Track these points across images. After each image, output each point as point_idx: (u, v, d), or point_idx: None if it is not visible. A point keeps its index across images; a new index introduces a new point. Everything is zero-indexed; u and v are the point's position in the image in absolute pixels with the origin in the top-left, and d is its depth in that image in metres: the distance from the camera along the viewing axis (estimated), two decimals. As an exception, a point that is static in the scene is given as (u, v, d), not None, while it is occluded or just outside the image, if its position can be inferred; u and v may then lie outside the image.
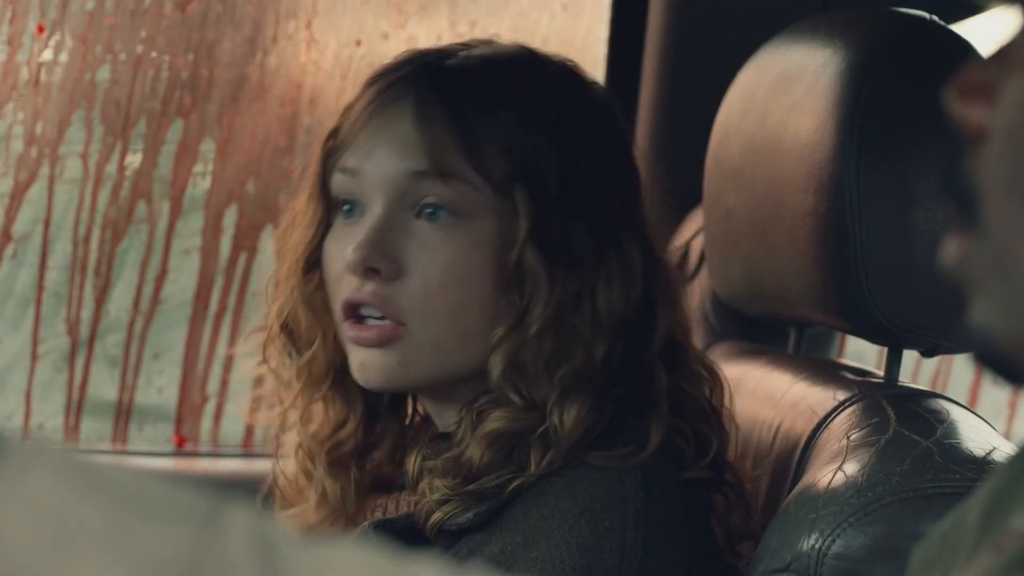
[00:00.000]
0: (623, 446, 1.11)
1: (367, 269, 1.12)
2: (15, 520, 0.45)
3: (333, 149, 1.18)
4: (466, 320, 1.12)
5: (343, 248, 1.15)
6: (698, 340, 1.50)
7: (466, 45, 1.20)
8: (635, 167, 1.20)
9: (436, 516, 1.11)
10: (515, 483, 1.10)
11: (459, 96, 1.13)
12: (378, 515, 1.21)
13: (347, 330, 1.14)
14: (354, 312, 1.14)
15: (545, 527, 1.07)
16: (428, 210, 1.12)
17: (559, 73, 1.19)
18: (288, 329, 1.21)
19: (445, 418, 1.19)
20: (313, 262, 1.19)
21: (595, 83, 1.22)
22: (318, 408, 1.24)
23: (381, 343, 1.13)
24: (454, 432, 1.15)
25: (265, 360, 1.25)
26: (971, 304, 0.57)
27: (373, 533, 1.16)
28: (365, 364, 1.14)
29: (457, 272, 1.12)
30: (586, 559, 1.06)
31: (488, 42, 1.20)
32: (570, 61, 1.21)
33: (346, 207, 1.16)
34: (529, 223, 1.11)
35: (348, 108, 1.19)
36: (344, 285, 1.14)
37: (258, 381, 1.27)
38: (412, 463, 1.16)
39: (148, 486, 0.47)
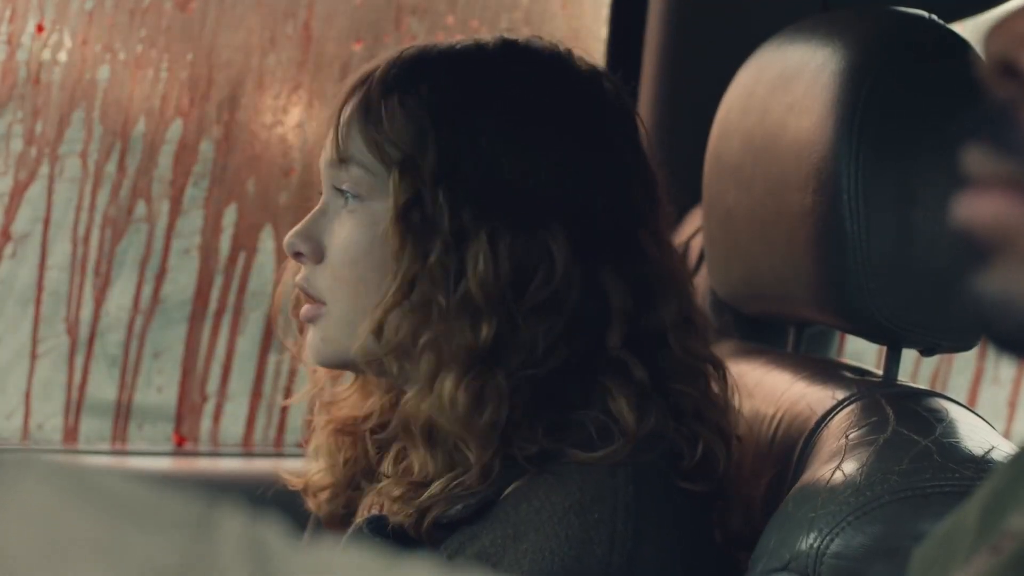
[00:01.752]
0: (608, 444, 1.11)
1: (295, 253, 1.21)
2: (7, 529, 0.45)
3: None
4: (366, 297, 1.17)
5: None
6: (697, 339, 1.50)
7: (447, 41, 1.23)
8: (600, 153, 1.19)
9: (425, 524, 1.13)
10: (510, 488, 1.11)
11: (373, 87, 1.19)
12: (375, 510, 1.22)
13: None
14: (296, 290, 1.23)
15: (535, 520, 1.08)
16: (345, 195, 1.19)
17: (511, 66, 1.20)
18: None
19: None
20: None
21: (590, 78, 1.21)
22: (348, 390, 1.29)
23: (310, 319, 1.20)
24: None
25: (287, 349, 1.31)
26: (994, 269, 0.53)
27: (367, 529, 1.17)
28: (307, 342, 1.22)
29: (352, 250, 1.18)
30: (576, 551, 1.06)
31: (477, 38, 1.22)
32: (565, 51, 1.21)
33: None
34: (395, 204, 1.16)
35: None
36: None
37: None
38: (387, 466, 1.20)
39: (139, 492, 0.47)
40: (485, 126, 1.16)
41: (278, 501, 1.31)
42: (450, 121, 1.17)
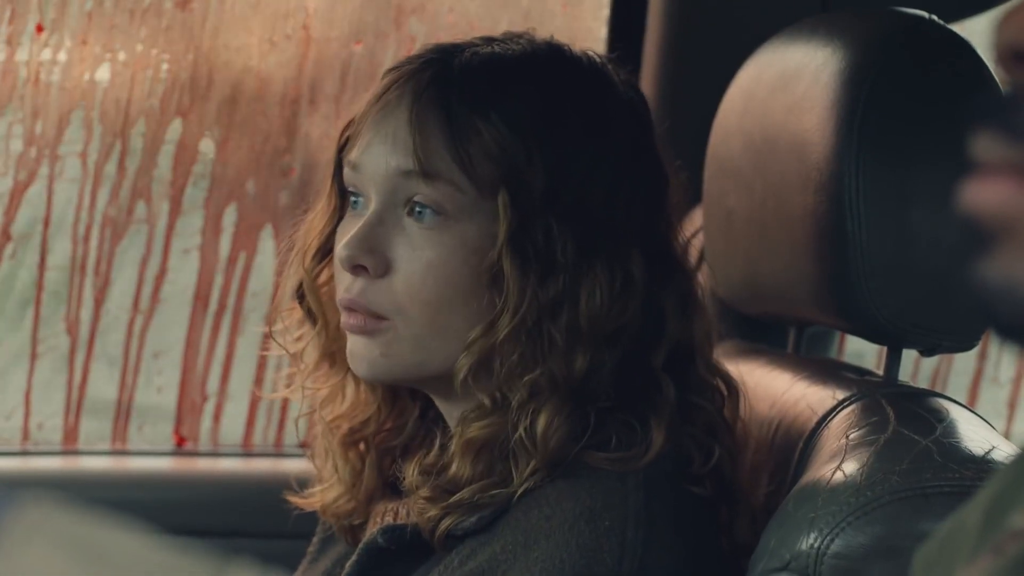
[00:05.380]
0: (626, 449, 1.11)
1: (355, 266, 1.14)
2: None
3: (347, 140, 1.19)
4: (447, 318, 1.13)
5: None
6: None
7: (489, 40, 1.18)
8: (657, 170, 1.19)
9: (440, 530, 1.12)
10: (517, 492, 1.10)
11: (453, 96, 1.13)
12: (388, 520, 1.21)
13: (342, 317, 1.17)
14: (346, 305, 1.16)
15: (546, 527, 1.07)
16: (416, 209, 1.13)
17: (573, 75, 1.18)
18: (308, 311, 1.23)
19: (453, 419, 1.19)
20: (327, 251, 1.21)
21: (624, 82, 1.20)
22: (346, 389, 1.25)
23: (366, 332, 1.15)
24: (450, 442, 1.16)
25: (274, 340, 1.26)
26: (998, 256, 0.53)
27: (382, 539, 1.16)
28: (353, 351, 1.16)
29: (438, 271, 1.13)
30: (586, 558, 1.06)
31: (517, 37, 1.19)
32: (600, 59, 1.20)
33: (353, 199, 1.18)
34: (508, 229, 1.11)
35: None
36: (342, 279, 1.17)
37: (292, 360, 1.28)
38: (411, 471, 1.17)
39: (151, 555, 0.46)
40: (579, 145, 1.14)
41: (280, 504, 1.31)
42: (558, 144, 1.13)
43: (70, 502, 0.48)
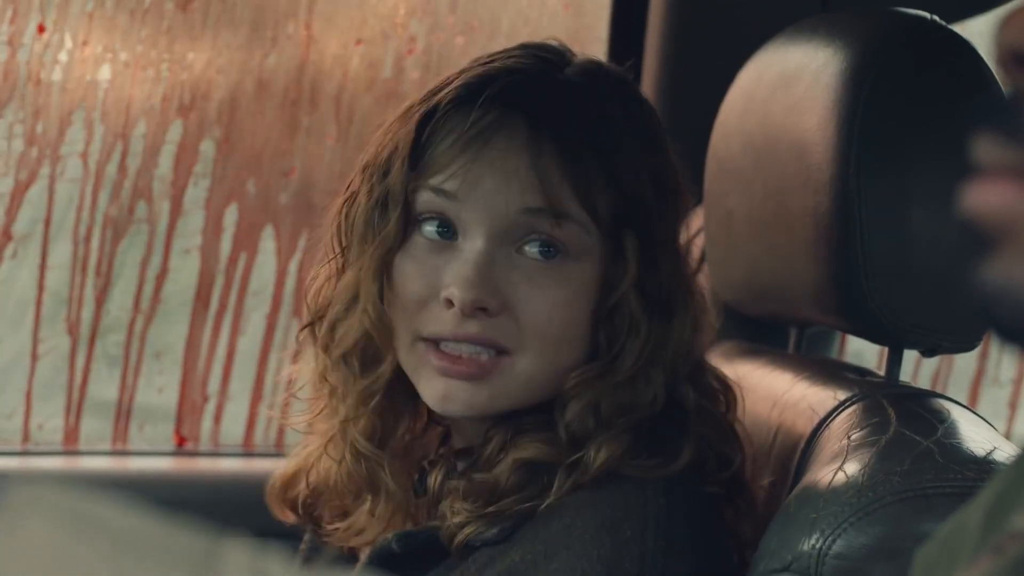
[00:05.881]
0: (652, 457, 1.11)
1: (479, 309, 1.10)
2: (12, 566, 0.45)
3: (416, 160, 1.12)
4: (563, 357, 1.12)
5: (429, 272, 1.12)
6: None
7: (543, 59, 1.15)
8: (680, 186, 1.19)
9: (460, 537, 1.10)
10: (544, 505, 1.09)
11: (571, 131, 1.11)
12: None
13: (433, 359, 1.11)
14: (436, 342, 1.12)
15: (566, 537, 1.06)
16: (538, 247, 1.10)
17: (640, 100, 1.18)
18: (358, 345, 1.15)
19: (469, 430, 1.17)
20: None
21: (644, 97, 1.21)
22: (339, 408, 1.18)
23: (475, 377, 1.11)
24: (480, 448, 1.14)
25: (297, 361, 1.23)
26: (999, 258, 0.53)
27: (397, 545, 1.15)
28: (450, 395, 1.11)
29: (563, 310, 1.10)
30: (607, 569, 1.05)
31: (551, 50, 1.17)
32: (626, 75, 1.20)
33: (437, 228, 1.12)
34: (636, 270, 1.11)
35: (430, 119, 1.13)
36: (431, 314, 1.11)
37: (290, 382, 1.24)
38: (434, 480, 1.15)
39: (146, 528, 0.47)
40: (666, 177, 1.15)
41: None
42: (656, 176, 1.13)
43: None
